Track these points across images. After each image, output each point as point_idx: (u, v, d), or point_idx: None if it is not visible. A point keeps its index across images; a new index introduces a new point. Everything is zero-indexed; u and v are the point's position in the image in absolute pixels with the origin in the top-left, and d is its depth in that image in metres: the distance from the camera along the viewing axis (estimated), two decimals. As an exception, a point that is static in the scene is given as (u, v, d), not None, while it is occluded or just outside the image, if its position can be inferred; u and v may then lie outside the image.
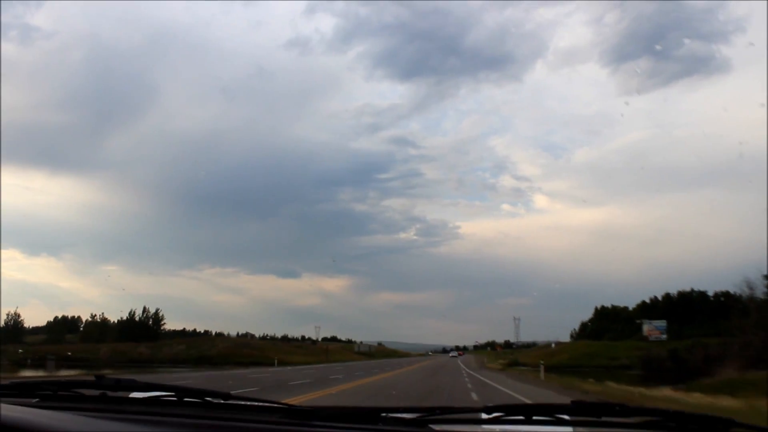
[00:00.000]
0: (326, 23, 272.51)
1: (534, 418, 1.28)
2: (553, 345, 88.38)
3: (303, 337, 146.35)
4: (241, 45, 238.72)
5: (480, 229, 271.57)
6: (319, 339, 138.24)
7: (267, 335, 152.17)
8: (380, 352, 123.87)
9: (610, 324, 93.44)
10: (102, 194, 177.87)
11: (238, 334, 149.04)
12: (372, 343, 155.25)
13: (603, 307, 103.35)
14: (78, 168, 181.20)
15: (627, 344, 72.31)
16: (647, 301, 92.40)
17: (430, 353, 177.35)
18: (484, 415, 1.33)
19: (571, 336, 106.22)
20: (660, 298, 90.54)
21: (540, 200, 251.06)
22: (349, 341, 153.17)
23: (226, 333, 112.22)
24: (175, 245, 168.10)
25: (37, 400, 1.40)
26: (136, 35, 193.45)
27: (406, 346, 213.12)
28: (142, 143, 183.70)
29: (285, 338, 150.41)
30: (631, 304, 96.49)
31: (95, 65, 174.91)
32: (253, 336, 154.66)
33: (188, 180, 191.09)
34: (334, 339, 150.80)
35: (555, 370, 37.53)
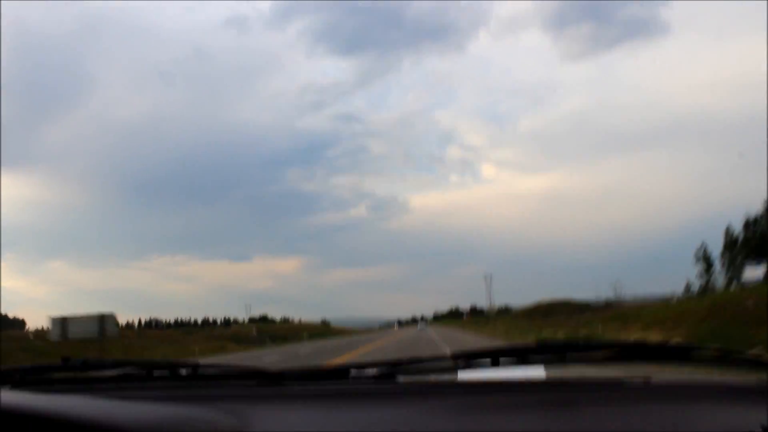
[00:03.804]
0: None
1: (500, 361, 1.27)
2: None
3: (227, 320, 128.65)
4: (176, 26, 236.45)
5: (429, 202, 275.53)
6: (246, 320, 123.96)
7: (182, 320, 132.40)
8: (288, 333, 76.38)
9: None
10: (41, 188, 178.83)
11: (141, 321, 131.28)
12: (315, 321, 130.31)
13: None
14: (14, 162, 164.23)
15: None
16: None
17: (396, 326, 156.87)
18: (451, 363, 1.31)
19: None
20: None
21: (487, 170, 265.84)
22: (285, 320, 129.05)
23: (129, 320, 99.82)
24: (122, 236, 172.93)
25: (7, 386, 1.38)
26: (65, 19, 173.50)
27: (361, 322, 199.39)
28: (80, 134, 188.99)
29: (205, 323, 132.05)
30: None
31: (24, 54, 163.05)
32: (158, 322, 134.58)
33: (132, 169, 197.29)
34: (263, 319, 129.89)
35: None
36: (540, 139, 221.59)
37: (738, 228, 32.46)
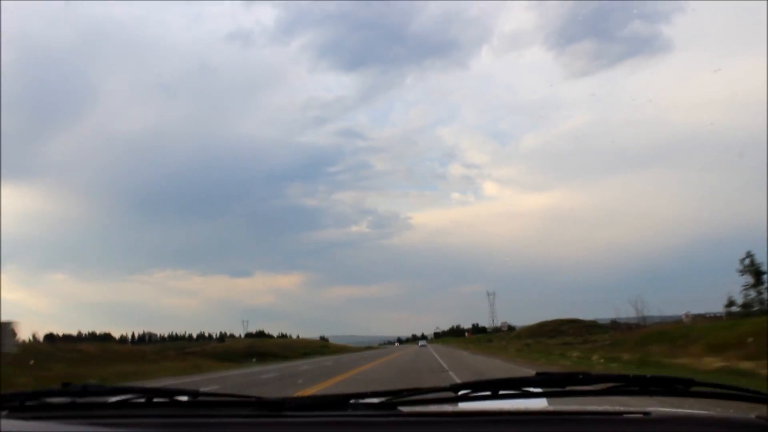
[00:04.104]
0: (267, 14, 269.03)
1: (501, 392, 1.30)
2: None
3: (222, 335, 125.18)
4: (180, 40, 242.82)
5: (431, 219, 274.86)
6: (243, 335, 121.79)
7: (176, 334, 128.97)
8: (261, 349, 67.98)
9: None
10: (44, 200, 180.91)
11: (134, 335, 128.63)
12: (314, 337, 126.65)
13: None
14: (17, 174, 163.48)
15: None
16: None
17: (397, 343, 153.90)
18: (452, 394, 1.34)
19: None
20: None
21: (489, 187, 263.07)
22: (282, 336, 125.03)
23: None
24: (123, 250, 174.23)
25: (6, 412, 1.41)
26: (69, 33, 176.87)
27: (360, 340, 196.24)
28: (83, 146, 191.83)
29: (200, 337, 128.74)
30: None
31: (28, 66, 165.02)
32: (155, 336, 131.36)
33: (134, 182, 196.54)
34: (261, 334, 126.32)
35: None
36: (542, 157, 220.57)
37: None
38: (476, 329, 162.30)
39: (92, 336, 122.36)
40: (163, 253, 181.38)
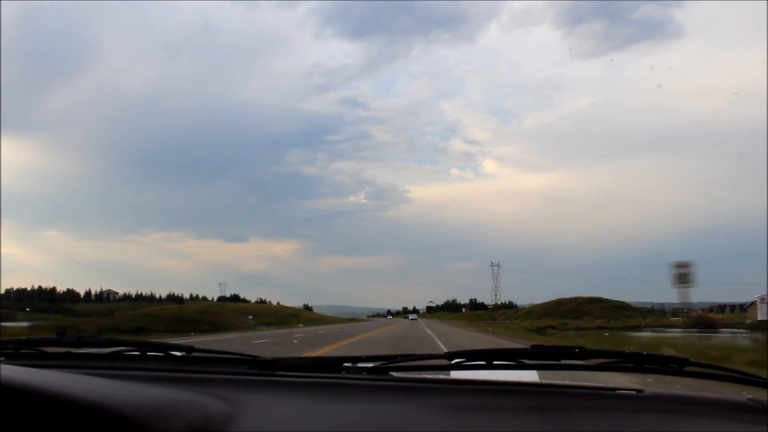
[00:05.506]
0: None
1: (495, 362, 1.33)
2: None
3: (180, 297, 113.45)
4: None
5: (429, 193, 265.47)
6: (215, 299, 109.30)
7: (141, 293, 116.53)
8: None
9: None
10: (40, 156, 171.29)
11: (91, 292, 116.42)
12: (297, 305, 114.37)
13: None
14: (13, 128, 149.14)
15: None
16: None
17: (390, 317, 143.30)
18: (446, 362, 1.37)
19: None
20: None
21: (489, 165, 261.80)
22: (261, 302, 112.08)
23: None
24: (118, 209, 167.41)
25: (2, 359, 1.44)
26: None
27: (350, 310, 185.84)
28: (82, 102, 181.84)
29: (170, 298, 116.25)
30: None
31: (28, 19, 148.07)
32: (115, 294, 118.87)
33: (132, 141, 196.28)
34: (235, 298, 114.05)
35: None
36: (544, 138, 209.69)
37: None
38: (475, 305, 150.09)
39: (50, 292, 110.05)
40: (159, 214, 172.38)
